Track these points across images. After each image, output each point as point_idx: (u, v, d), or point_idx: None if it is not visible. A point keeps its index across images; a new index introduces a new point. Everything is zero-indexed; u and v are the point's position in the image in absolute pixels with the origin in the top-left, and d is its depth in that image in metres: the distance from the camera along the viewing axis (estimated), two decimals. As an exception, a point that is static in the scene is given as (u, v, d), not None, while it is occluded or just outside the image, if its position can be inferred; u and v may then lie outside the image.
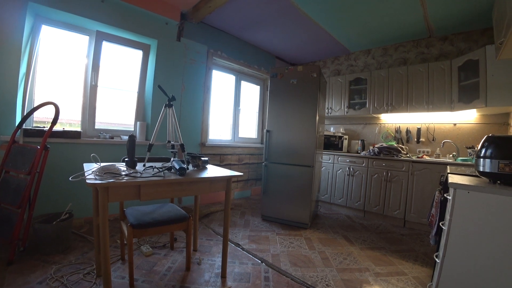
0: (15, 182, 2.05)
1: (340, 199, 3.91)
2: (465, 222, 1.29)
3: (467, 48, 3.45)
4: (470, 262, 1.27)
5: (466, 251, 1.28)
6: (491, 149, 1.31)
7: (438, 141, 3.64)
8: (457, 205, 1.32)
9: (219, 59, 4.13)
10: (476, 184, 1.31)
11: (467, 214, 1.29)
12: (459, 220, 1.31)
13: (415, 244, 2.75)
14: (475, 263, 1.26)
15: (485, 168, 1.33)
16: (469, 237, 1.28)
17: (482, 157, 1.35)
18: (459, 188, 1.31)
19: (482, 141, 1.38)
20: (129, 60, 3.34)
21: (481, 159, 1.35)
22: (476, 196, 1.26)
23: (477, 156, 1.39)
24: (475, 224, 1.26)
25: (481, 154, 1.35)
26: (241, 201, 4.28)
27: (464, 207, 1.30)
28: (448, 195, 1.41)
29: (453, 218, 1.32)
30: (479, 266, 1.25)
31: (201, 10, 3.33)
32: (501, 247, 1.20)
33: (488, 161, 1.31)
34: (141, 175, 1.47)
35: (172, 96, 1.98)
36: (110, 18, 2.90)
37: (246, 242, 2.58)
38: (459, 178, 1.51)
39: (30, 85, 2.59)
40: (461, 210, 1.31)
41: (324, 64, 5.13)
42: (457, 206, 1.32)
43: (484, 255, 1.24)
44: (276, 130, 3.27)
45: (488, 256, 1.23)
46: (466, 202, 1.29)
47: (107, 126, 3.15)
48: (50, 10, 2.56)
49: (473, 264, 1.26)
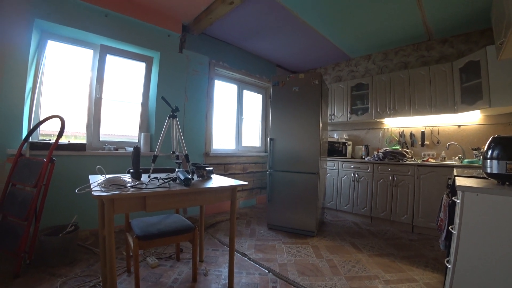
0: (21, 195, 2.06)
1: (346, 206, 3.86)
2: (475, 225, 1.27)
3: (468, 50, 3.45)
4: (482, 266, 1.24)
5: (478, 255, 1.25)
6: (497, 150, 1.30)
7: (443, 143, 3.61)
8: (466, 208, 1.30)
9: (221, 69, 4.18)
10: (484, 186, 1.29)
11: (476, 217, 1.27)
12: (468, 223, 1.29)
13: (424, 250, 2.70)
14: (488, 266, 1.23)
15: (492, 169, 1.31)
16: (480, 241, 1.25)
17: (489, 158, 1.33)
18: (467, 191, 1.29)
19: (488, 142, 1.36)
20: (133, 73, 3.39)
21: (488, 160, 1.34)
22: (485, 198, 1.24)
23: (484, 158, 1.37)
24: (486, 227, 1.24)
25: (488, 156, 1.34)
26: (247, 210, 4.25)
27: (473, 210, 1.28)
28: (456, 198, 1.39)
29: (463, 222, 1.30)
30: (492, 270, 1.22)
31: (202, 22, 3.39)
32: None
33: (496, 162, 1.29)
34: (146, 187, 1.47)
35: (175, 107, 2.00)
36: (114, 32, 2.97)
37: (252, 252, 2.56)
38: (467, 180, 1.49)
39: (36, 99, 2.64)
40: (470, 213, 1.28)
41: (325, 70, 5.16)
42: (466, 209, 1.30)
43: (497, 258, 1.21)
44: (279, 138, 3.27)
45: (501, 259, 1.20)
46: (475, 204, 1.27)
47: (111, 138, 3.17)
48: (55, 26, 2.63)
49: (486, 268, 1.23)
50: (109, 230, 1.31)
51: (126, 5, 2.97)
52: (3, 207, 2.08)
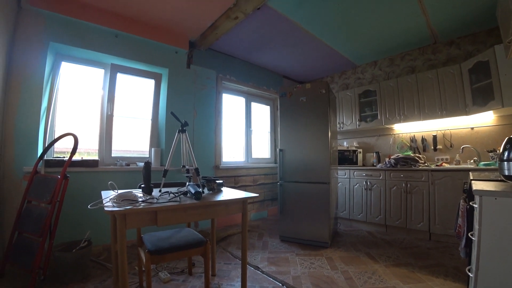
0: (37, 211, 2.10)
1: (359, 215, 3.78)
2: (496, 231, 1.21)
3: (475, 50, 3.41)
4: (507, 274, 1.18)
5: (501, 262, 1.19)
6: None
7: (456, 147, 3.52)
8: (485, 213, 1.25)
9: (228, 83, 4.25)
10: (503, 189, 1.24)
11: (497, 222, 1.21)
12: (489, 229, 1.23)
13: (444, 258, 2.59)
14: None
15: (510, 171, 1.27)
16: (502, 247, 1.19)
17: (506, 160, 1.29)
18: (485, 195, 1.25)
19: (504, 143, 1.32)
20: (142, 89, 3.48)
21: (505, 162, 1.29)
22: (504, 202, 1.19)
23: (500, 160, 1.33)
24: (508, 232, 1.18)
25: (505, 157, 1.30)
26: (258, 222, 4.21)
27: (492, 215, 1.22)
28: (474, 203, 1.34)
29: (482, 228, 1.25)
30: (518, 279, 1.16)
31: (208, 38, 3.47)
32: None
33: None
34: (157, 201, 1.48)
35: (184, 121, 2.02)
36: (124, 51, 3.07)
37: (265, 265, 2.51)
38: (484, 184, 1.44)
39: (51, 118, 2.74)
40: (490, 219, 1.23)
41: (332, 79, 5.17)
42: (485, 215, 1.24)
43: (522, 265, 1.15)
44: (289, 149, 3.26)
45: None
46: (495, 209, 1.22)
47: (123, 153, 3.23)
48: (69, 48, 2.75)
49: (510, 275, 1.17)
50: (121, 245, 1.31)
51: (135, 25, 3.08)
52: (19, 224, 2.13)
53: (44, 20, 2.57)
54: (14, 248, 2.08)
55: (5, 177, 2.34)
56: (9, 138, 2.37)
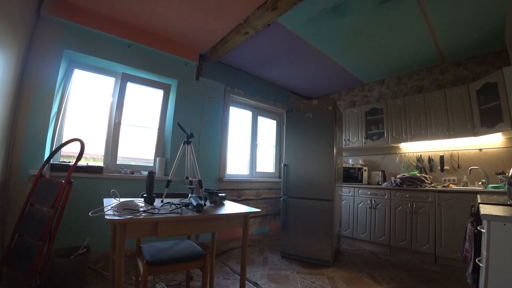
0: (38, 215, 2.10)
1: (363, 234, 3.69)
2: (505, 257, 1.17)
3: (484, 71, 3.40)
4: (516, 305, 1.13)
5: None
6: (523, 176, 1.23)
7: (464, 168, 3.46)
8: (493, 239, 1.20)
9: (236, 96, 4.29)
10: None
11: (506, 249, 1.17)
12: (497, 255, 1.19)
13: (450, 283, 2.49)
14: (522, 306, 1.11)
15: (519, 197, 1.24)
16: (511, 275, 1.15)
17: (514, 185, 1.26)
18: (493, 220, 1.21)
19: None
20: (151, 99, 3.54)
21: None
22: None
23: (510, 184, 1.30)
24: (517, 261, 1.14)
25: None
26: (260, 237, 4.14)
27: (501, 241, 1.18)
28: (482, 228, 1.30)
29: (490, 254, 1.20)
30: (528, 310, 1.10)
31: (218, 51, 3.55)
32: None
33: (522, 189, 1.22)
34: (158, 212, 1.47)
35: (190, 133, 2.04)
36: (135, 61, 3.15)
37: (264, 282, 2.45)
38: (492, 208, 1.40)
39: (60, 123, 2.79)
40: (498, 245, 1.19)
41: (339, 96, 5.19)
42: (493, 241, 1.20)
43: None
44: (293, 164, 3.25)
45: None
46: (504, 235, 1.18)
47: (128, 161, 3.26)
48: (83, 56, 2.84)
49: (520, 308, 1.12)
50: (119, 254, 1.30)
51: (148, 36, 3.17)
52: (20, 227, 2.13)
53: (61, 28, 2.66)
54: (13, 251, 2.07)
55: (11, 179, 2.36)
56: (18, 141, 2.41)
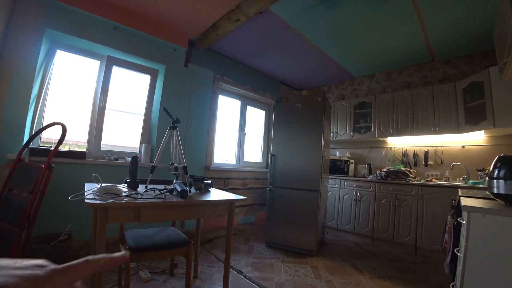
0: (17, 201, 2.03)
1: (347, 225, 3.77)
2: (483, 248, 1.21)
3: (471, 71, 3.47)
4: (490, 293, 1.17)
5: (486, 279, 1.18)
6: (504, 170, 1.26)
7: (446, 164, 3.55)
8: (472, 229, 1.24)
9: (225, 85, 4.23)
10: (491, 206, 1.24)
11: (483, 239, 1.21)
12: (475, 246, 1.23)
13: (428, 273, 2.58)
14: (496, 293, 1.16)
15: (499, 189, 1.27)
16: (488, 264, 1.19)
17: (495, 178, 1.29)
18: (473, 212, 1.24)
19: (495, 161, 1.32)
20: (137, 84, 3.43)
21: (495, 180, 1.29)
22: (492, 220, 1.19)
23: (490, 178, 1.33)
24: (494, 250, 1.18)
25: (494, 175, 1.30)
26: (246, 226, 4.16)
27: (480, 231, 1.22)
28: (462, 219, 1.33)
29: (469, 244, 1.24)
30: (501, 298, 1.15)
31: (208, 38, 3.46)
32: (523, 276, 1.11)
33: (502, 182, 1.25)
34: (141, 197, 1.44)
35: (176, 118, 1.99)
36: (121, 44, 3.03)
37: (249, 270, 2.46)
38: (472, 201, 1.44)
39: (40, 106, 2.66)
40: (477, 235, 1.23)
41: (328, 89, 5.20)
42: (472, 231, 1.24)
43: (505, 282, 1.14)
44: (281, 154, 3.24)
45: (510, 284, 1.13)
46: (482, 226, 1.21)
47: (112, 148, 3.17)
48: (65, 36, 2.69)
49: (494, 295, 1.16)
50: (100, 239, 1.27)
51: (136, 19, 3.05)
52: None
53: (43, 6, 2.51)
54: (-11, 237, 2.00)
55: (-14, 163, 2.26)
56: (-5, 124, 2.30)
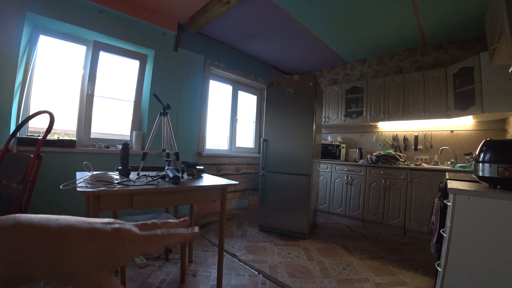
0: (6, 191, 2.00)
1: (338, 208, 3.85)
2: (466, 228, 1.26)
3: (462, 56, 3.49)
4: (473, 269, 1.23)
5: (469, 258, 1.24)
6: (489, 153, 1.29)
7: (435, 148, 3.63)
8: (457, 211, 1.29)
9: (216, 69, 4.16)
10: (476, 189, 1.29)
11: (468, 220, 1.26)
12: (460, 226, 1.28)
13: (416, 253, 2.69)
14: (478, 270, 1.22)
15: (484, 172, 1.31)
16: (471, 244, 1.24)
17: (481, 161, 1.33)
18: (459, 194, 1.28)
19: (481, 145, 1.36)
20: (126, 70, 3.35)
21: (480, 163, 1.33)
22: (476, 202, 1.23)
23: (476, 161, 1.37)
24: (477, 230, 1.23)
25: (480, 159, 1.33)
26: (239, 211, 4.21)
27: (464, 213, 1.27)
28: (448, 201, 1.38)
29: (454, 225, 1.29)
30: (483, 273, 1.21)
31: (198, 21, 3.37)
32: (504, 253, 1.16)
33: (487, 165, 1.29)
34: (134, 184, 1.43)
35: (167, 104, 1.96)
36: (108, 28, 2.93)
37: (243, 253, 2.52)
38: (459, 183, 1.49)
39: (26, 94, 2.58)
40: (461, 216, 1.27)
41: (320, 73, 5.17)
42: (457, 212, 1.29)
43: (487, 261, 1.20)
44: (273, 139, 3.26)
45: (492, 262, 1.19)
46: (467, 207, 1.26)
47: (103, 136, 3.12)
48: (48, 20, 2.58)
49: (476, 271, 1.22)
50: (94, 227, 1.27)
51: (122, 2, 2.93)
52: (-13, 203, 2.02)
53: (22, -13, 2.39)
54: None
55: (-28, 153, 2.20)
56: (-22, 112, 2.23)
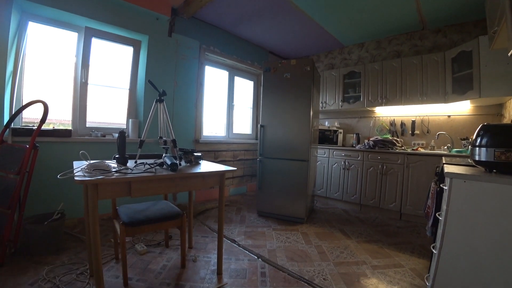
0: (4, 183, 2.00)
1: (336, 193, 3.90)
2: (462, 211, 1.28)
3: (460, 40, 3.44)
4: (467, 252, 1.26)
5: (463, 241, 1.27)
6: (486, 138, 1.30)
7: (432, 133, 3.64)
8: (453, 194, 1.31)
9: (211, 55, 4.08)
10: (472, 173, 1.30)
11: (463, 204, 1.28)
12: (455, 209, 1.30)
13: (411, 236, 2.75)
14: (472, 252, 1.25)
15: (480, 157, 1.32)
16: (466, 227, 1.27)
17: (477, 146, 1.33)
18: (455, 178, 1.30)
19: (478, 129, 1.36)
20: (120, 57, 3.28)
21: (477, 148, 1.34)
22: (472, 185, 1.25)
23: (473, 145, 1.38)
24: (472, 213, 1.25)
25: (477, 143, 1.34)
26: (237, 197, 4.25)
27: (460, 196, 1.29)
28: (444, 185, 1.39)
29: (450, 208, 1.31)
30: (477, 256, 1.24)
31: (192, 5, 3.27)
32: (498, 236, 1.19)
33: (484, 149, 1.30)
34: (131, 172, 1.43)
35: (162, 91, 1.93)
36: (99, 13, 2.84)
37: (242, 238, 2.56)
38: (455, 168, 1.50)
39: (17, 84, 2.52)
40: (457, 200, 1.29)
41: (318, 58, 5.10)
42: (453, 196, 1.31)
43: (482, 244, 1.23)
44: (270, 125, 3.24)
45: (486, 245, 1.22)
46: (463, 191, 1.28)
47: (99, 125, 3.09)
48: (36, 6, 2.49)
49: (470, 254, 1.25)
50: (93, 215, 1.27)
51: (112, -15, 2.83)
52: (-15, 194, 2.02)
53: (7, -30, 2.29)
54: (-20, 219, 1.98)
55: (-33, 144, 2.18)
56: (-30, 103, 2.18)
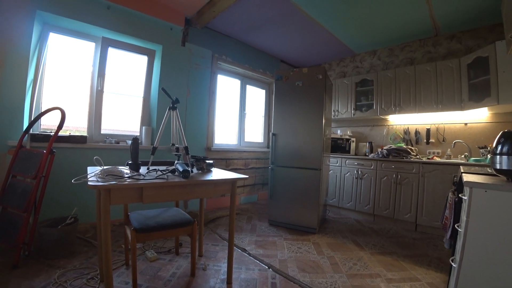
0: (21, 187, 2.06)
1: (348, 203, 3.82)
2: (483, 223, 1.22)
3: (476, 46, 3.36)
4: (490, 266, 1.20)
5: (485, 254, 1.21)
6: (508, 145, 1.24)
7: (448, 141, 3.53)
8: (473, 205, 1.25)
9: (223, 64, 4.14)
10: (493, 182, 1.24)
11: (484, 215, 1.22)
12: (476, 221, 1.24)
13: (428, 249, 2.65)
14: (495, 266, 1.18)
15: (502, 165, 1.26)
16: (487, 239, 1.20)
17: (498, 153, 1.28)
18: (475, 187, 1.24)
19: (498, 137, 1.31)
20: (135, 66, 3.36)
21: (498, 156, 1.28)
22: (494, 195, 1.19)
23: (493, 153, 1.32)
24: (494, 225, 1.19)
25: (498, 151, 1.29)
26: (248, 206, 4.22)
27: (481, 207, 1.23)
28: (463, 195, 1.34)
29: (470, 219, 1.25)
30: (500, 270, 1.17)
31: (205, 15, 3.35)
32: (523, 249, 1.12)
33: (505, 158, 1.24)
34: (144, 178, 1.44)
35: (175, 98, 1.96)
36: (116, 24, 2.94)
37: (252, 247, 2.53)
38: (475, 177, 1.44)
39: (37, 91, 2.63)
40: (478, 211, 1.23)
41: (329, 66, 5.09)
42: (474, 206, 1.25)
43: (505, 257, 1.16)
44: (282, 134, 3.23)
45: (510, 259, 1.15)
46: (484, 201, 1.22)
47: (113, 132, 3.15)
48: (57, 17, 2.60)
49: (493, 268, 1.19)
50: (105, 220, 1.28)
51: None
52: (3, 198, 2.08)
53: (31, -14, 2.41)
54: (-2, 223, 2.04)
55: (-12, 150, 2.26)
56: (-7, 111, 2.27)
